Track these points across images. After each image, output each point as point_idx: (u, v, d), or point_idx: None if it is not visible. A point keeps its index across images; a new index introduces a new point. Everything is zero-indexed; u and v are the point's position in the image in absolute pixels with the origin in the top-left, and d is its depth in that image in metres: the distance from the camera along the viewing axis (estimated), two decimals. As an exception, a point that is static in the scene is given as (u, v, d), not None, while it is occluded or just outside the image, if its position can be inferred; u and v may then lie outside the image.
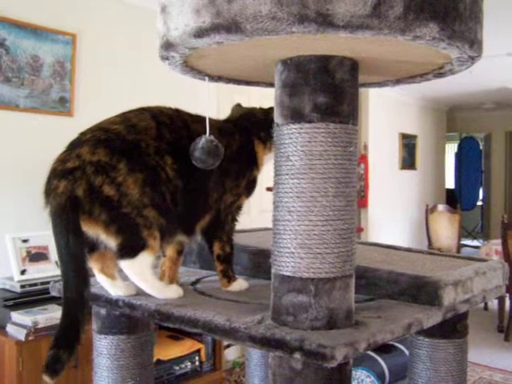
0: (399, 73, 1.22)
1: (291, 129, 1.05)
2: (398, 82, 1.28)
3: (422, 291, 1.26)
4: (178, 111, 1.37)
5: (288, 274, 1.06)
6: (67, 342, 1.18)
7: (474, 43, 0.97)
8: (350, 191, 1.07)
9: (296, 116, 1.05)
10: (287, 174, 1.06)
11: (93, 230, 1.22)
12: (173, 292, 1.33)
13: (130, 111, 1.32)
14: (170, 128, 1.30)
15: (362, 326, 1.08)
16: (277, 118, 1.10)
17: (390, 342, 3.94)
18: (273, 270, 1.10)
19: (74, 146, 1.23)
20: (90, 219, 1.20)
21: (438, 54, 1.01)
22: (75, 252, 1.19)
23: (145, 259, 1.24)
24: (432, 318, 1.20)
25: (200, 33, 0.91)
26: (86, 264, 1.22)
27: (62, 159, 1.22)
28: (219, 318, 1.12)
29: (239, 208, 1.45)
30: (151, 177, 1.22)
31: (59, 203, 1.18)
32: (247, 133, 1.44)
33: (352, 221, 1.08)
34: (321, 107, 1.04)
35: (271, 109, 1.45)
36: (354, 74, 1.09)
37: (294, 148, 1.05)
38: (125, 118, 1.28)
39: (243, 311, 1.18)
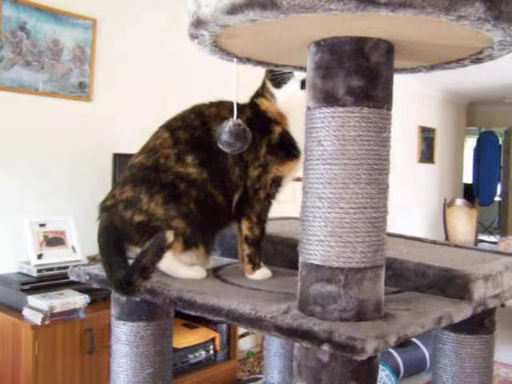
0: (434, 58, 1.18)
1: (324, 112, 1.01)
2: (432, 67, 1.23)
3: (451, 284, 1.23)
4: (194, 107, 1.40)
5: (317, 262, 1.02)
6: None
7: (519, 25, 0.92)
8: (383, 179, 1.03)
9: (329, 99, 1.01)
10: (318, 160, 1.02)
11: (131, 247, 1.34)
12: (195, 272, 1.34)
13: (150, 138, 1.40)
14: (183, 127, 1.35)
15: (392, 318, 1.05)
16: (309, 101, 1.06)
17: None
18: (300, 259, 1.07)
19: (114, 188, 1.41)
20: (127, 241, 1.34)
21: (479, 36, 0.96)
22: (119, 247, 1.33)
23: (167, 257, 1.28)
24: (462, 312, 1.17)
25: (233, 9, 0.87)
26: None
27: (105, 199, 1.41)
28: (244, 306, 1.09)
29: (276, 183, 1.36)
30: (171, 193, 1.31)
31: (102, 226, 1.36)
32: (250, 103, 1.41)
33: (384, 209, 1.04)
34: (355, 91, 1.00)
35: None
36: (390, 57, 1.05)
37: (326, 132, 1.01)
38: (144, 147, 1.40)
39: (268, 300, 1.15)
